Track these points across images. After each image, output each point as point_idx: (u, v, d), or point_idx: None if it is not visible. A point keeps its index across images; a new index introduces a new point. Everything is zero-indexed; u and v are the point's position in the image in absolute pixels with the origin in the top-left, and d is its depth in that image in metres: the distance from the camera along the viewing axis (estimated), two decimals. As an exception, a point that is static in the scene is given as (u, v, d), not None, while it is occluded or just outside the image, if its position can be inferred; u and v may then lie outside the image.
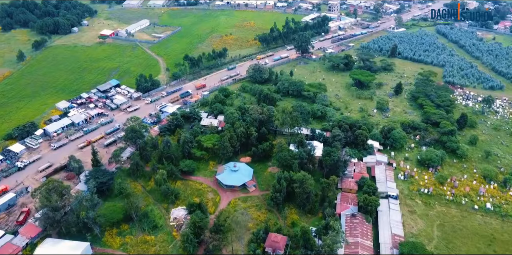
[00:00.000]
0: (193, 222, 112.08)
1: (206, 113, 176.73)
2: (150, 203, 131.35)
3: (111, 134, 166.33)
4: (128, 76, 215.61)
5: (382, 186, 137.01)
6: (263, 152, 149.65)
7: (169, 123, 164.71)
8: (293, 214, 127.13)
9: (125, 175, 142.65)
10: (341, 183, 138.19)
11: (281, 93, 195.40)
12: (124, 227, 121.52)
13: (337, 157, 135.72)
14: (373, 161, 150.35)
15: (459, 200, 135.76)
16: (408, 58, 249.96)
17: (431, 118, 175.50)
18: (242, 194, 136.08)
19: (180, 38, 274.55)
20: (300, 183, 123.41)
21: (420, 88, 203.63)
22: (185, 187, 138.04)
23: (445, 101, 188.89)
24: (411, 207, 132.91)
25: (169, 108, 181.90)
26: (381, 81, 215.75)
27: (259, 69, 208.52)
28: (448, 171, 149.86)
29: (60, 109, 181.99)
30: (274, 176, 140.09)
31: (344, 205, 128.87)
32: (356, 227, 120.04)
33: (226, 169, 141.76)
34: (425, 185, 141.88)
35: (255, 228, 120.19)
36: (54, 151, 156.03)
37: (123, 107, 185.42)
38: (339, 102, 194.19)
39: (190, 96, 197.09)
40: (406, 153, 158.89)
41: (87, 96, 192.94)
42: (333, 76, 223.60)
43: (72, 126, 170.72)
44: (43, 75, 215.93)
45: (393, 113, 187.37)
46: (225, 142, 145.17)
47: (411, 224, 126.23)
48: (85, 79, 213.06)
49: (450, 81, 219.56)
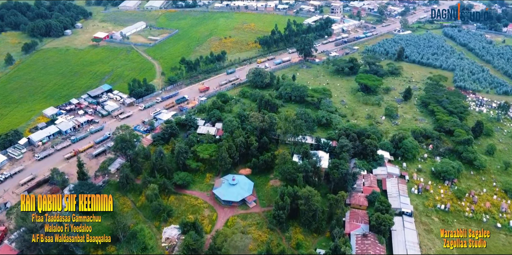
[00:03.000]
0: (187, 244, 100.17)
1: (203, 120, 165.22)
2: (140, 221, 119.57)
3: (101, 142, 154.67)
4: (122, 81, 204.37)
5: (394, 201, 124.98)
6: (265, 163, 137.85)
7: (163, 131, 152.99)
8: (297, 233, 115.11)
9: (114, 189, 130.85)
10: (350, 198, 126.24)
11: (283, 99, 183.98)
12: (111, 249, 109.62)
13: (345, 170, 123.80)
14: (384, 173, 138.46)
15: (480, 217, 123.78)
16: (416, 61, 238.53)
17: (444, 126, 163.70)
18: (242, 211, 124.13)
19: (177, 41, 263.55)
20: (305, 199, 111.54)
21: (431, 94, 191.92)
22: (179, 203, 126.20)
23: (458, 107, 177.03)
24: (427, 225, 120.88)
25: (163, 115, 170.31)
26: (388, 86, 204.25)
27: (260, 74, 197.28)
28: (465, 184, 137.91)
29: (47, 116, 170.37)
30: (276, 190, 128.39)
31: (354, 224, 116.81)
32: (368, 249, 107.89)
33: (224, 182, 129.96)
34: (441, 200, 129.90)
35: (255, 249, 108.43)
36: (38, 162, 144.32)
37: (114, 114, 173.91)
38: (344, 109, 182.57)
39: (187, 102, 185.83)
40: (419, 164, 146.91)
41: (76, 102, 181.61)
42: (338, 80, 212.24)
43: (59, 135, 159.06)
44: (32, 80, 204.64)
45: (403, 120, 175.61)
46: (223, 152, 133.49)
47: (428, 244, 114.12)
48: (76, 84, 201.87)
49: (461, 86, 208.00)
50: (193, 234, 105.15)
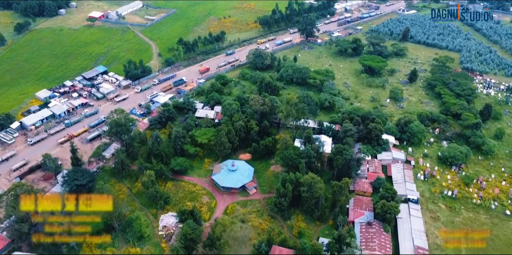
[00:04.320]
0: (184, 234, 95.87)
1: (201, 103, 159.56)
2: (136, 208, 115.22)
3: (95, 126, 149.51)
4: (117, 62, 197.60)
5: (400, 188, 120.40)
6: (265, 148, 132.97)
7: (160, 115, 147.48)
8: (299, 221, 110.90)
9: (109, 175, 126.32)
10: (354, 185, 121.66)
11: (284, 81, 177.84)
12: (106, 238, 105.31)
13: (349, 156, 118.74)
14: (389, 159, 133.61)
15: (488, 204, 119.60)
16: (421, 42, 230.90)
17: (451, 109, 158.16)
18: (242, 198, 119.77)
19: (174, 21, 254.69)
20: (308, 186, 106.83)
21: (437, 76, 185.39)
22: (177, 189, 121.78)
23: (466, 90, 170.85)
24: (434, 212, 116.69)
25: (160, 98, 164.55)
26: (393, 68, 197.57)
27: (260, 55, 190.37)
28: (473, 170, 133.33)
29: (40, 99, 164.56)
30: (277, 176, 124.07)
31: (358, 211, 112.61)
32: (373, 238, 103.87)
33: (223, 168, 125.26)
34: (448, 186, 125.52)
35: (255, 238, 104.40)
36: (31, 147, 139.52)
37: (110, 96, 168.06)
38: (348, 91, 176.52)
39: (184, 84, 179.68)
40: (425, 148, 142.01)
41: (70, 85, 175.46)
42: (341, 62, 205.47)
43: (53, 119, 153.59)
44: (25, 61, 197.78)
45: (408, 103, 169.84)
46: (222, 137, 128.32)
47: (435, 233, 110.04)
48: (70, 66, 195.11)
49: (468, 67, 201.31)
50: (191, 222, 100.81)
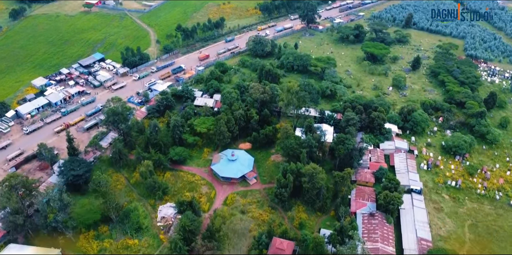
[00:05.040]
0: (183, 225, 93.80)
1: (200, 91, 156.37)
2: (134, 199, 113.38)
3: (92, 115, 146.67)
4: (115, 49, 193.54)
5: (403, 178, 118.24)
6: (265, 138, 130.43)
7: (158, 103, 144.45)
8: (300, 212, 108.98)
9: (106, 165, 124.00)
10: (356, 175, 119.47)
11: (285, 69, 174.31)
12: (103, 229, 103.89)
13: (352, 146, 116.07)
14: (392, 148, 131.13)
15: (492, 194, 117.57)
16: (425, 29, 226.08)
17: (455, 97, 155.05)
18: (241, 188, 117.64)
19: (173, 7, 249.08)
20: (309, 177, 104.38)
21: (440, 63, 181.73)
22: (176, 179, 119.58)
23: (470, 77, 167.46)
24: (437, 203, 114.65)
25: (158, 86, 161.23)
26: (396, 55, 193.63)
27: (260, 42, 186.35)
28: (477, 160, 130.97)
29: (36, 87, 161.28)
30: (278, 166, 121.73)
31: (360, 202, 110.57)
32: (376, 229, 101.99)
33: (222, 158, 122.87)
34: (452, 176, 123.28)
35: (256, 229, 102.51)
36: (26, 136, 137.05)
37: (107, 84, 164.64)
38: (350, 79, 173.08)
39: (183, 72, 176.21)
40: (428, 138, 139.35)
41: (67, 72, 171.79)
42: (343, 49, 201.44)
43: (49, 107, 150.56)
44: (20, 48, 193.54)
45: (411, 91, 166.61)
46: (222, 126, 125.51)
47: (439, 224, 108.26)
48: (67, 53, 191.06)
49: (472, 54, 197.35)
50: (189, 214, 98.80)
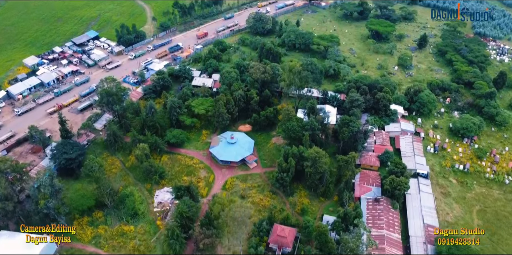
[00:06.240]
0: (180, 212, 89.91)
1: (198, 71, 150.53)
2: (129, 183, 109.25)
3: (86, 96, 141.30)
4: (109, 27, 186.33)
5: (409, 161, 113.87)
6: (266, 119, 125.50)
7: (155, 84, 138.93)
8: (302, 197, 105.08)
9: (101, 148, 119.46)
10: (360, 158, 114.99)
11: (286, 47, 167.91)
12: (97, 215, 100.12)
13: (356, 128, 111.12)
14: (397, 130, 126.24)
15: (502, 178, 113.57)
16: (431, 5, 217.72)
17: (463, 77, 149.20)
18: (241, 172, 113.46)
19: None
20: (312, 161, 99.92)
21: (448, 41, 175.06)
22: (173, 163, 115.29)
23: (479, 56, 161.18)
24: (445, 187, 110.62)
25: (155, 65, 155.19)
26: (401, 33, 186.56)
27: (261, 19, 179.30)
28: (486, 142, 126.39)
29: (28, 66, 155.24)
30: (279, 149, 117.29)
31: (364, 187, 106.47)
32: (381, 215, 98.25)
33: (221, 141, 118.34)
34: (460, 159, 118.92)
35: (256, 216, 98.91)
36: (18, 117, 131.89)
37: (101, 63, 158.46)
38: (354, 58, 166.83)
39: (181, 50, 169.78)
40: (435, 119, 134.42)
41: (60, 51, 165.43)
42: (346, 26, 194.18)
43: (41, 87, 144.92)
44: (12, 26, 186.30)
45: (417, 71, 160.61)
46: (221, 107, 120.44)
47: (446, 209, 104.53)
48: (60, 31, 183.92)
49: (480, 32, 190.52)
50: (187, 200, 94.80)
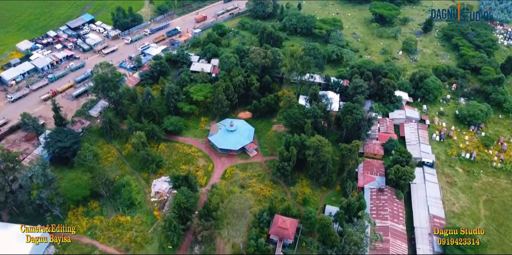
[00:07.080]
0: (178, 203, 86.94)
1: (197, 56, 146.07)
2: (126, 172, 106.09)
3: (82, 81, 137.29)
4: (105, 10, 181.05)
5: (414, 149, 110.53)
6: (267, 106, 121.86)
7: (152, 69, 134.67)
8: (304, 187, 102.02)
9: (96, 136, 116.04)
10: (364, 147, 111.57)
11: (287, 32, 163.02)
12: (93, 205, 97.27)
13: (360, 116, 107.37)
14: (402, 117, 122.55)
15: (509, 167, 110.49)
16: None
17: (470, 62, 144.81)
18: (241, 160, 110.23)
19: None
20: (314, 150, 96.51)
21: (454, 25, 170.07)
22: (170, 151, 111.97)
23: (486, 41, 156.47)
24: (451, 177, 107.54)
25: (152, 49, 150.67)
26: (406, 17, 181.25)
27: (261, 2, 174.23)
28: (493, 130, 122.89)
29: (21, 51, 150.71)
30: (280, 136, 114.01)
31: (368, 176, 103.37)
32: (385, 206, 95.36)
33: (221, 128, 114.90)
34: (466, 148, 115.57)
35: (256, 206, 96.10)
36: (11, 104, 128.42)
37: (97, 48, 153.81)
38: (357, 43, 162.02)
39: (179, 34, 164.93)
40: (441, 106, 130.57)
41: (54, 35, 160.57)
42: (349, 10, 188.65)
43: (35, 73, 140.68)
44: (4, 9, 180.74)
45: (423, 56, 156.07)
46: (220, 93, 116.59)
47: (452, 199, 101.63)
48: (54, 14, 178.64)
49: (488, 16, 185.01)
50: (185, 190, 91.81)
